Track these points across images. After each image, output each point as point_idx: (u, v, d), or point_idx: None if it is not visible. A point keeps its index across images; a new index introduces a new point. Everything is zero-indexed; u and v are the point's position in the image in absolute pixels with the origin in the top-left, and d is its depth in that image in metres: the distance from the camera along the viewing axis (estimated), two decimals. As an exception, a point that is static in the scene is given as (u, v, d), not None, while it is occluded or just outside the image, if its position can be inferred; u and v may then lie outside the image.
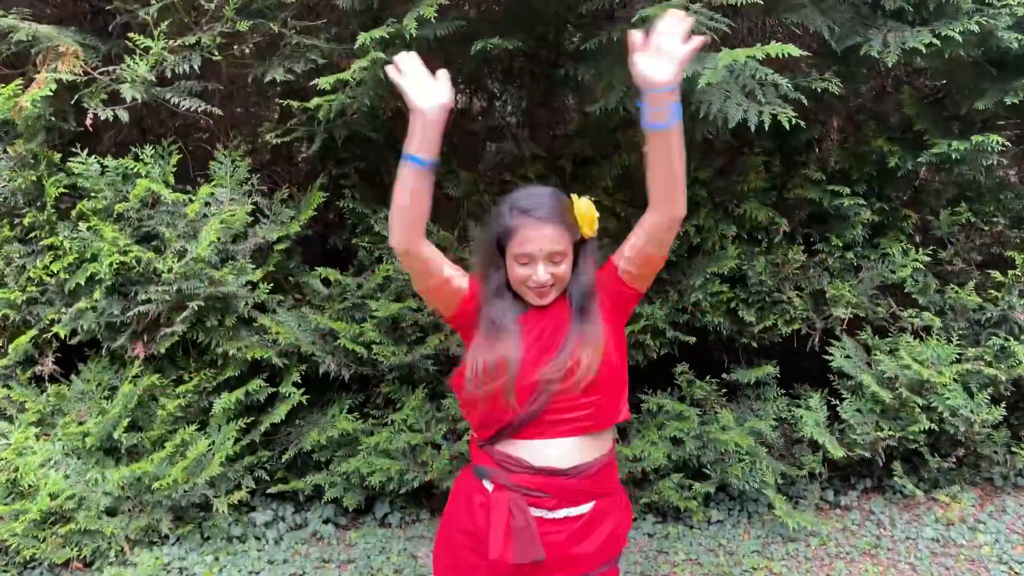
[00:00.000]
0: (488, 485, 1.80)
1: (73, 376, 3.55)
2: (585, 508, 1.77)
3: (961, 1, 2.82)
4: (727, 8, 2.51)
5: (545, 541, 1.73)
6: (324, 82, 2.58)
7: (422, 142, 1.60)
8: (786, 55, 2.26)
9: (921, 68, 3.49)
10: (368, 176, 3.55)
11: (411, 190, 1.63)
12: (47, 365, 3.47)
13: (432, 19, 2.47)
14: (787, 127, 2.58)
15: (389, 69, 1.64)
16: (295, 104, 2.78)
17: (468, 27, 2.76)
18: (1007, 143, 3.19)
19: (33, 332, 3.32)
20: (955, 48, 2.91)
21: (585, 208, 1.77)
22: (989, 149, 3.20)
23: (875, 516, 3.81)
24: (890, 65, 2.80)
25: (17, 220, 3.18)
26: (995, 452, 3.96)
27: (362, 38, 2.54)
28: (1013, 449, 3.92)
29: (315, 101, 2.68)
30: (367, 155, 3.46)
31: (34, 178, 3.05)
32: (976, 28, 2.76)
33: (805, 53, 2.35)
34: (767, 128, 2.61)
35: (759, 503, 3.85)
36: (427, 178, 1.64)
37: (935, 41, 2.76)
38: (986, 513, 3.80)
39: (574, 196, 1.80)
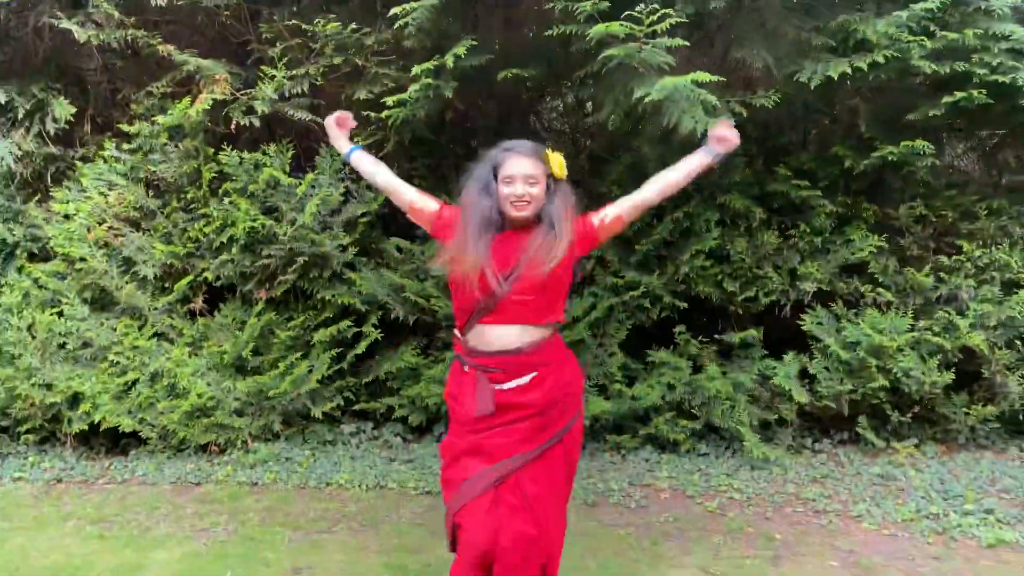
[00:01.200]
0: (465, 367, 2.57)
1: (215, 312, 4.83)
2: (526, 378, 2.48)
3: (878, 38, 3.63)
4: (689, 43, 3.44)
5: (499, 401, 2.58)
6: (390, 100, 3.69)
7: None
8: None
9: (879, 86, 4.26)
10: (432, 168, 4.67)
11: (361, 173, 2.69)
12: (198, 303, 4.76)
13: (463, 55, 3.54)
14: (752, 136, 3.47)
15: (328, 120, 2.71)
16: (373, 115, 3.92)
17: (495, 60, 3.81)
18: (930, 146, 3.94)
19: (190, 278, 4.60)
20: (877, 73, 3.73)
21: (555, 155, 2.43)
22: (921, 152, 3.99)
23: (839, 458, 4.59)
24: (812, 88, 3.65)
25: (182, 195, 4.47)
26: (954, 412, 4.64)
27: (416, 69, 3.64)
28: (965, 410, 4.59)
29: (385, 113, 3.80)
30: (430, 152, 4.58)
31: (195, 166, 4.33)
32: (881, 60, 3.58)
33: (717, 78, 3.24)
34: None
35: (741, 441, 4.69)
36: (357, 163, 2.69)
37: (848, 70, 3.59)
38: (936, 462, 4.49)
39: (550, 151, 2.46)
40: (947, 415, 4.66)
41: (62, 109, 4.17)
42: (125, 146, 4.39)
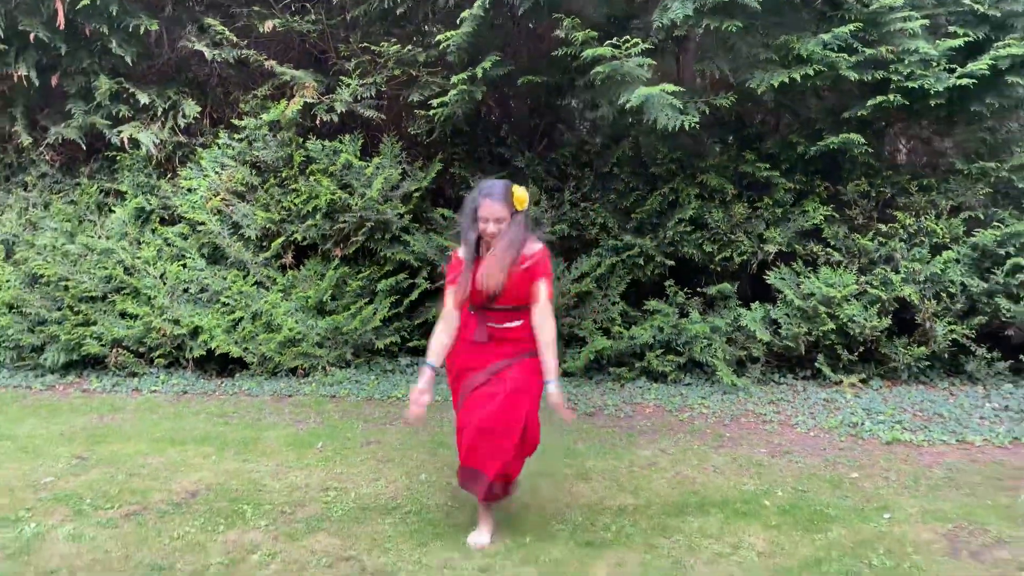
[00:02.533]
0: (471, 310, 3.42)
1: (301, 267, 6.14)
2: (515, 323, 3.14)
3: (810, 53, 4.71)
4: (663, 57, 4.57)
5: (490, 333, 3.38)
6: (435, 102, 4.92)
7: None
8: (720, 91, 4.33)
9: (828, 87, 5.31)
10: (468, 152, 5.90)
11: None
12: (288, 259, 6.07)
13: (488, 68, 4.74)
14: (687, 128, 4.60)
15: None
16: (423, 112, 5.15)
17: (516, 70, 5.01)
18: (862, 140, 5.00)
19: (282, 239, 5.91)
20: (813, 81, 4.81)
21: (519, 193, 3.05)
22: (856, 142, 5.05)
23: (797, 389, 5.69)
24: (759, 93, 4.75)
25: (277, 174, 5.78)
26: (895, 353, 5.69)
27: (454, 79, 4.85)
28: (904, 351, 5.64)
29: (432, 111, 5.02)
30: (466, 141, 5.81)
31: (288, 152, 5.63)
32: (812, 72, 4.66)
33: (679, 88, 4.38)
34: (687, 128, 4.59)
35: (717, 373, 5.82)
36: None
37: (786, 80, 4.69)
38: (877, 393, 5.56)
39: (515, 186, 3.08)
40: (889, 355, 5.70)
41: (190, 108, 5.51)
42: (235, 136, 5.70)
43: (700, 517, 3.53)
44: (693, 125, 4.60)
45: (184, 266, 5.98)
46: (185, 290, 6.00)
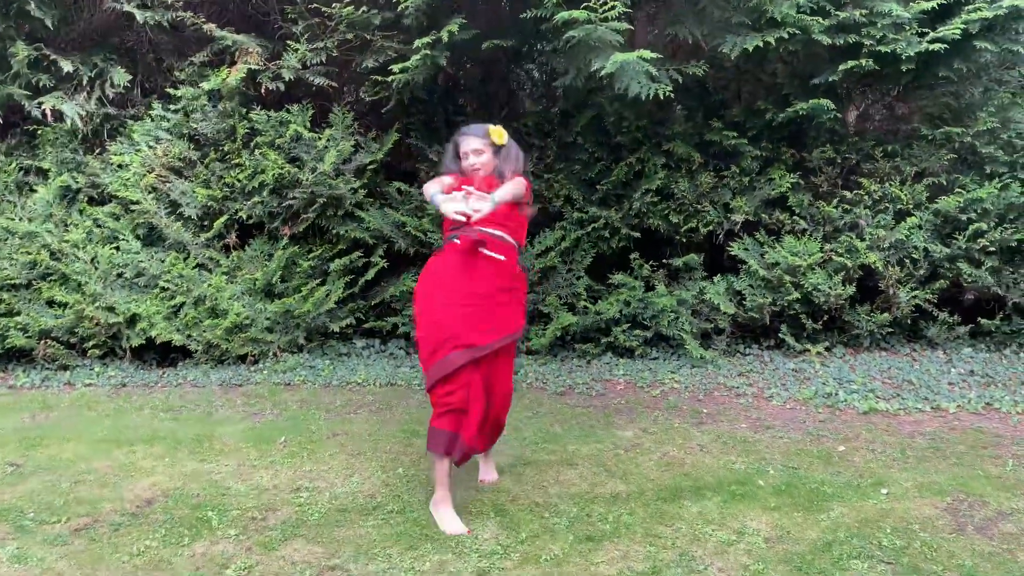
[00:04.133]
0: (456, 240, 3.20)
1: (246, 247, 5.75)
2: (502, 257, 3.09)
3: (783, 16, 4.55)
4: (635, 21, 4.35)
5: (486, 261, 3.23)
6: (396, 68, 4.59)
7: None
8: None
9: (796, 52, 5.17)
10: (424, 122, 5.58)
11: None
12: (232, 239, 5.68)
13: (455, 32, 4.44)
14: (662, 97, 4.39)
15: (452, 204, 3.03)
16: (380, 78, 4.81)
17: (480, 35, 4.71)
18: (832, 105, 4.89)
19: (225, 217, 5.51)
20: (786, 45, 4.66)
21: (495, 128, 3.20)
22: (825, 108, 4.94)
23: (764, 359, 5.62)
24: (732, 58, 4.59)
25: (219, 148, 5.36)
26: (857, 320, 5.67)
27: (417, 43, 4.53)
28: (867, 318, 5.63)
29: (392, 77, 4.69)
30: (425, 111, 5.49)
31: (231, 124, 5.21)
32: (786, 35, 4.51)
33: (657, 55, 4.18)
34: (662, 96, 4.38)
35: (684, 346, 5.71)
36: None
37: (760, 44, 4.53)
38: (842, 360, 5.53)
39: (491, 125, 3.23)
40: (852, 322, 5.68)
41: (119, 76, 5.03)
42: (170, 107, 5.26)
43: (697, 501, 3.39)
44: (668, 94, 4.40)
45: (117, 249, 5.53)
46: (120, 275, 5.55)
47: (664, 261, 5.78)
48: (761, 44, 4.54)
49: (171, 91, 5.19)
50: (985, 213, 5.26)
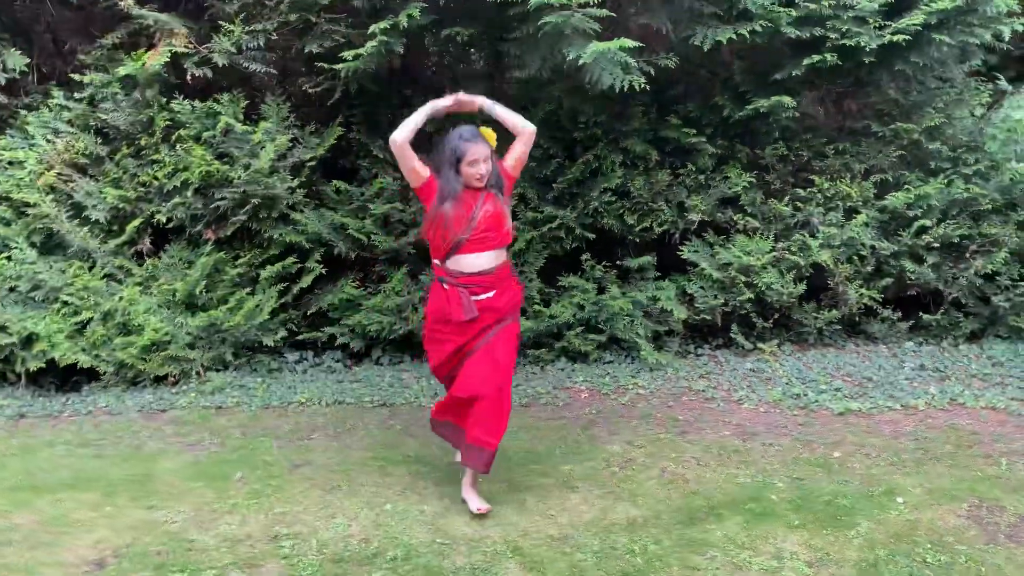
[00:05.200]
0: (445, 286, 3.30)
1: (162, 253, 5.12)
2: (492, 292, 3.28)
3: (756, 8, 4.42)
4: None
5: (478, 306, 3.27)
6: (348, 54, 4.14)
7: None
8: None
9: (752, 46, 5.06)
10: (367, 116, 5.13)
11: (421, 124, 3.23)
12: (145, 244, 5.03)
13: (416, 16, 4.04)
14: (637, 88, 4.16)
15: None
16: (327, 66, 4.34)
17: (440, 20, 4.32)
18: (792, 102, 4.82)
19: (139, 220, 4.87)
20: (756, 38, 4.53)
21: (489, 132, 3.24)
22: (785, 106, 4.86)
23: (717, 359, 5.51)
24: (705, 51, 4.41)
25: (133, 142, 4.71)
26: (804, 317, 5.66)
27: (373, 28, 4.10)
28: (815, 315, 5.62)
29: (342, 65, 4.23)
30: (368, 102, 5.03)
31: (150, 115, 4.58)
32: (759, 28, 4.37)
33: (640, 44, 3.94)
34: (637, 88, 4.15)
35: (638, 350, 5.52)
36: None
37: (733, 36, 4.37)
38: (793, 358, 5.49)
39: (483, 128, 3.26)
40: (801, 320, 5.66)
41: (14, 59, 4.31)
42: (77, 95, 4.56)
43: (717, 523, 3.18)
44: (643, 86, 4.17)
45: (9, 259, 4.79)
46: (12, 289, 4.81)
47: (617, 262, 5.57)
48: (734, 36, 4.38)
49: (76, 77, 4.50)
50: (930, 209, 5.34)
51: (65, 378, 5.13)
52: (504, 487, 3.51)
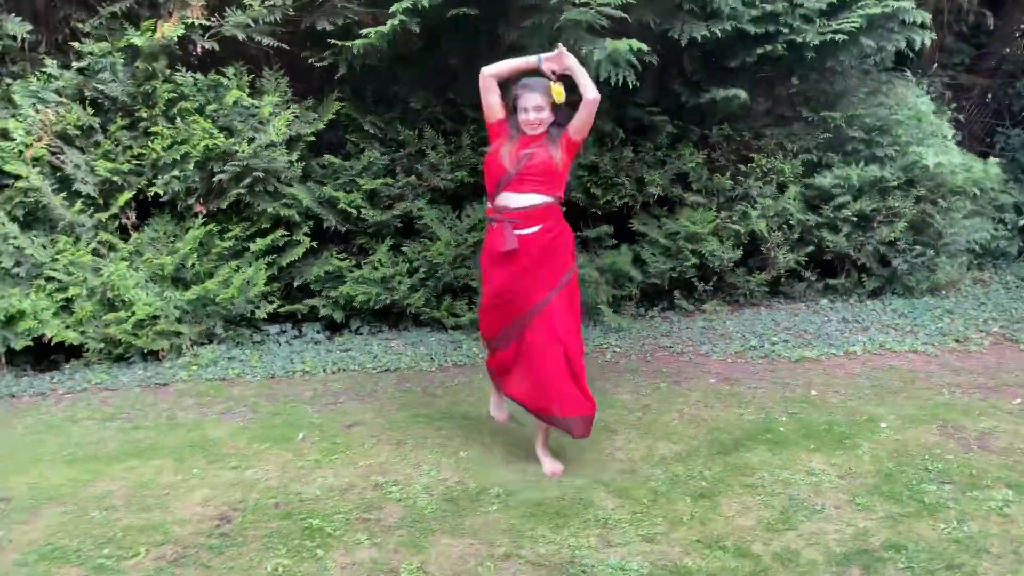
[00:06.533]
0: (493, 224, 3.42)
1: (144, 227, 5.05)
2: (536, 228, 3.37)
3: (724, 7, 4.97)
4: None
5: (520, 241, 3.37)
6: (372, 31, 4.31)
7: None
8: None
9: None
10: (356, 93, 5.27)
11: (516, 69, 3.37)
12: (130, 218, 4.95)
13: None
14: (630, 86, 4.60)
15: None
16: (339, 43, 4.48)
17: (445, 1, 4.56)
18: (745, 94, 5.43)
19: (128, 194, 4.79)
20: (726, 35, 5.08)
21: (556, 88, 3.29)
22: (739, 96, 5.46)
23: (670, 320, 6.10)
24: (683, 45, 4.93)
25: (131, 114, 4.63)
26: (737, 280, 6.35)
27: (395, 8, 4.29)
28: (747, 278, 6.33)
29: (357, 42, 4.39)
30: (361, 79, 5.18)
31: (152, 87, 4.52)
32: (729, 28, 4.93)
33: (647, 48, 4.38)
34: (631, 85, 4.59)
35: (600, 314, 6.00)
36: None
37: (707, 33, 4.91)
38: (730, 317, 6.17)
39: (550, 82, 3.30)
40: (734, 283, 6.36)
41: (15, 26, 4.12)
42: (75, 65, 4.43)
43: (748, 452, 3.71)
44: (634, 83, 4.63)
45: (-11, 233, 4.58)
46: (-6, 265, 4.61)
47: (578, 233, 6.02)
48: (708, 34, 4.91)
49: (78, 46, 4.36)
50: (850, 188, 6.16)
51: (39, 357, 4.98)
52: (553, 435, 3.88)
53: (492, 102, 3.39)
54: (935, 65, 7.80)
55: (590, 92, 3.34)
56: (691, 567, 2.73)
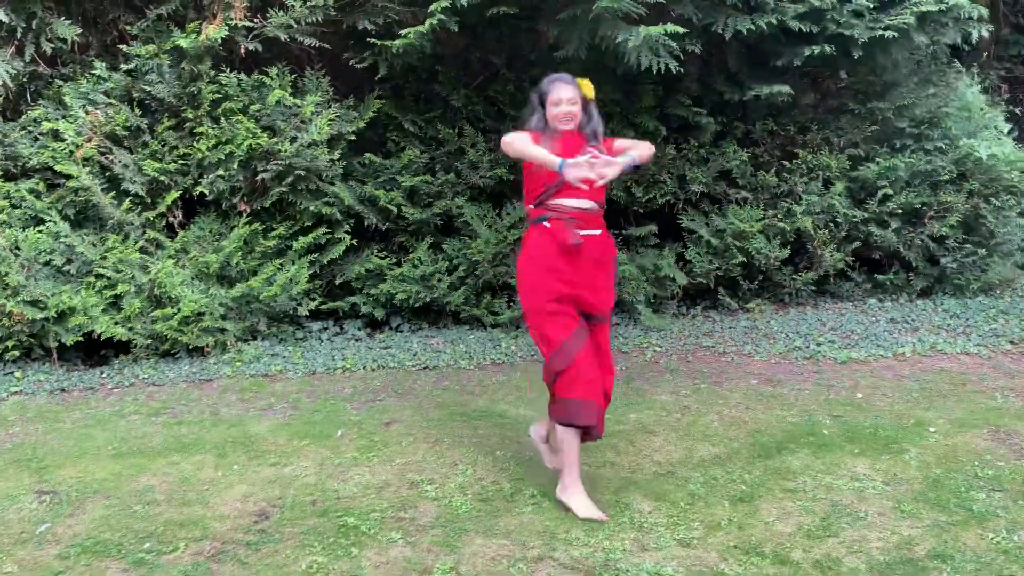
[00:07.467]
0: (547, 223, 3.13)
1: (190, 226, 5.14)
2: (598, 231, 3.19)
3: (770, 1, 4.87)
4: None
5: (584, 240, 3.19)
6: (412, 31, 4.32)
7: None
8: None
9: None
10: (395, 91, 5.30)
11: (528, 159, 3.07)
12: (177, 217, 5.04)
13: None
14: (674, 71, 4.55)
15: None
16: (379, 42, 4.50)
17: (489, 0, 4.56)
18: (790, 90, 5.32)
19: (175, 193, 4.88)
20: (770, 30, 4.98)
21: (585, 81, 3.10)
22: (784, 92, 5.35)
23: (712, 319, 6.03)
24: (727, 39, 4.84)
25: (175, 115, 4.72)
26: (784, 279, 6.25)
27: (434, 7, 4.30)
28: (793, 276, 6.22)
29: (398, 42, 4.41)
30: (400, 78, 5.20)
31: (197, 88, 4.60)
32: (775, 21, 4.83)
33: (684, 30, 4.31)
34: (658, 71, 4.55)
35: (639, 313, 5.95)
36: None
37: (752, 27, 4.81)
38: (776, 316, 6.08)
39: (579, 79, 3.12)
40: (780, 282, 6.26)
41: (65, 29, 4.23)
42: (124, 66, 4.52)
43: (790, 455, 3.63)
44: (677, 69, 4.56)
45: (42, 232, 4.71)
46: (47, 263, 4.74)
47: (620, 231, 5.98)
48: (753, 27, 4.82)
49: (126, 48, 4.46)
50: (896, 180, 6.00)
51: (88, 352, 5.11)
52: (607, 444, 3.85)
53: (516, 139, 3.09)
54: (987, 56, 7.55)
55: (647, 148, 3.20)
56: (728, 573, 2.69)
